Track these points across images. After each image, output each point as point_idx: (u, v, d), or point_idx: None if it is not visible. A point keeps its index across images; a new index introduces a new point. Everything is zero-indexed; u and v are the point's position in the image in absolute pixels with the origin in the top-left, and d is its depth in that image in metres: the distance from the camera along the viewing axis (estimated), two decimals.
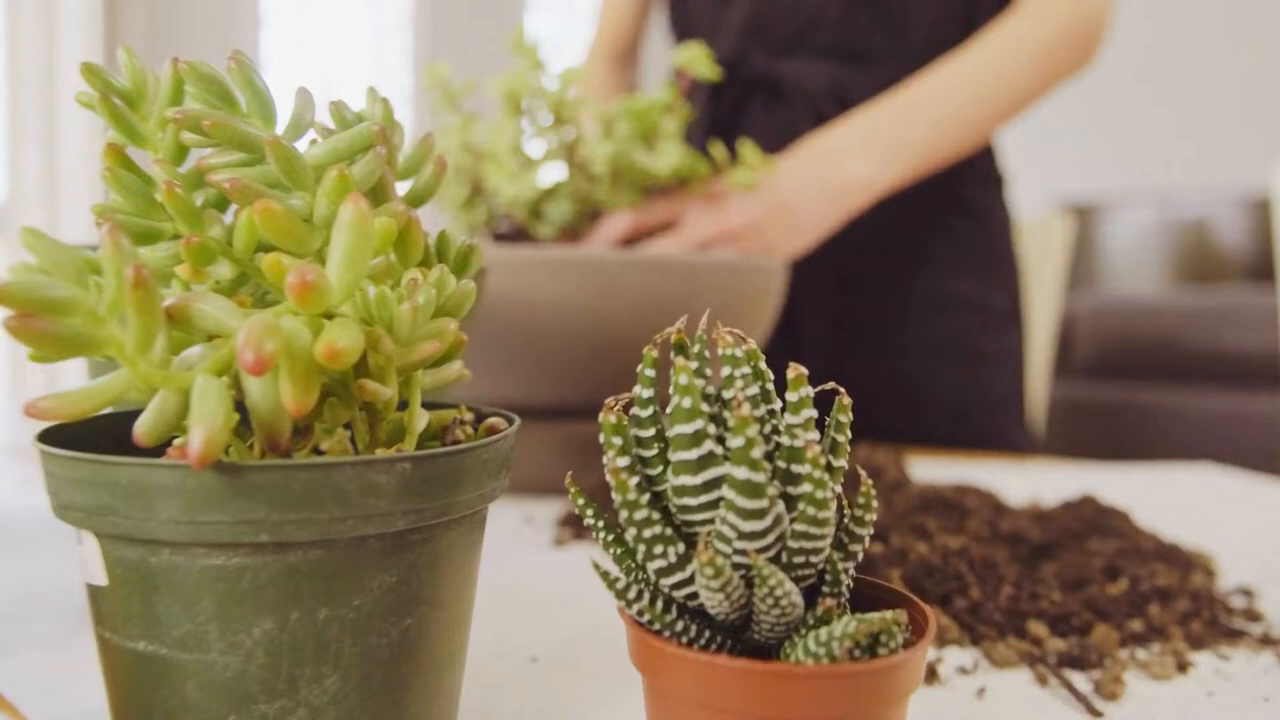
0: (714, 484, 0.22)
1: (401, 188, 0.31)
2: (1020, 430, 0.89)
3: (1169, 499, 0.64)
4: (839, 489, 0.24)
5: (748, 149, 0.67)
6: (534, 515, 0.57)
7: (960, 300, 0.87)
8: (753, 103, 0.88)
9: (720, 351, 0.24)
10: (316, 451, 0.27)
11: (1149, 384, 1.98)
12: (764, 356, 0.25)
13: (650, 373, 0.25)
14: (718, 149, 0.66)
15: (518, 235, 0.64)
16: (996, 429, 0.87)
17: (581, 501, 0.25)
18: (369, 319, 0.25)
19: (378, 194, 0.29)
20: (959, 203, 0.89)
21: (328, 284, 0.23)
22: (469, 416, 0.30)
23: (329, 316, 0.24)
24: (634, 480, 0.22)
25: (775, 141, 0.87)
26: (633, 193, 0.63)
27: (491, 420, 0.29)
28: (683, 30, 0.97)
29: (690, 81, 0.66)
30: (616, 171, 0.61)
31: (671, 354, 0.25)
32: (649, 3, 1.04)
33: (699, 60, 0.64)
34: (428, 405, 0.30)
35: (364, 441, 0.26)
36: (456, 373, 0.28)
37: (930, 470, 0.73)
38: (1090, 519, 0.47)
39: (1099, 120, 3.33)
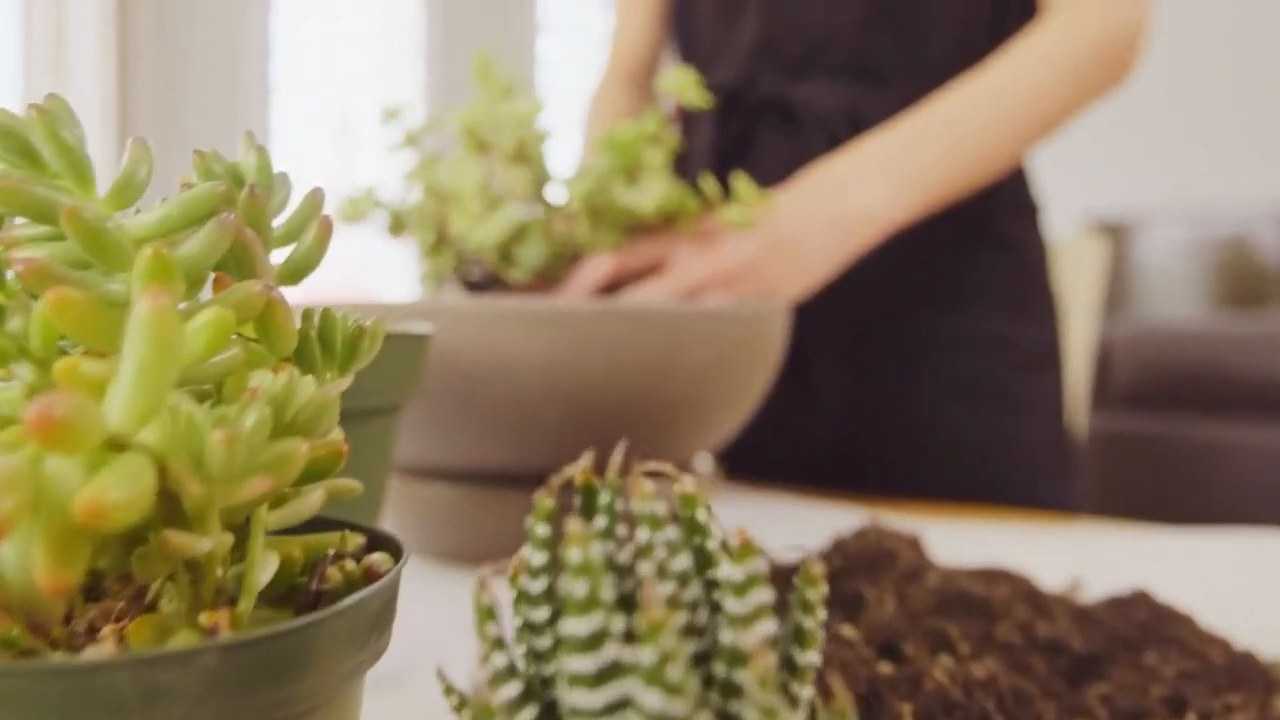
0: (620, 706, 0.15)
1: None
2: (1060, 482, 0.81)
3: (1235, 577, 0.56)
4: (810, 693, 0.18)
5: (742, 182, 0.60)
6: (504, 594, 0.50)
7: (990, 340, 0.80)
8: (762, 127, 0.81)
9: (635, 508, 0.17)
10: (143, 609, 0.21)
11: (1192, 415, 1.89)
12: (706, 501, 0.19)
13: (543, 530, 0.18)
14: (709, 183, 0.59)
15: (490, 282, 0.58)
16: (1033, 482, 0.79)
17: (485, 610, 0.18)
18: (178, 449, 0.18)
19: (243, 267, 0.23)
20: (988, 234, 0.81)
21: (90, 418, 0.16)
22: (357, 543, 0.24)
23: (123, 447, 0.18)
24: (507, 693, 0.16)
25: (786, 168, 0.80)
26: (614, 233, 0.57)
27: (372, 559, 0.23)
28: (689, 52, 0.91)
29: (679, 109, 0.60)
30: (595, 210, 0.55)
31: (574, 506, 0.18)
32: (664, 24, 0.99)
33: (687, 86, 0.58)
34: (305, 529, 0.24)
35: (186, 604, 0.20)
36: (315, 505, 0.21)
37: (957, 536, 0.65)
38: (1145, 623, 0.39)
39: (1124, 131, 3.23)
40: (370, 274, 2.71)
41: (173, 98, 2.29)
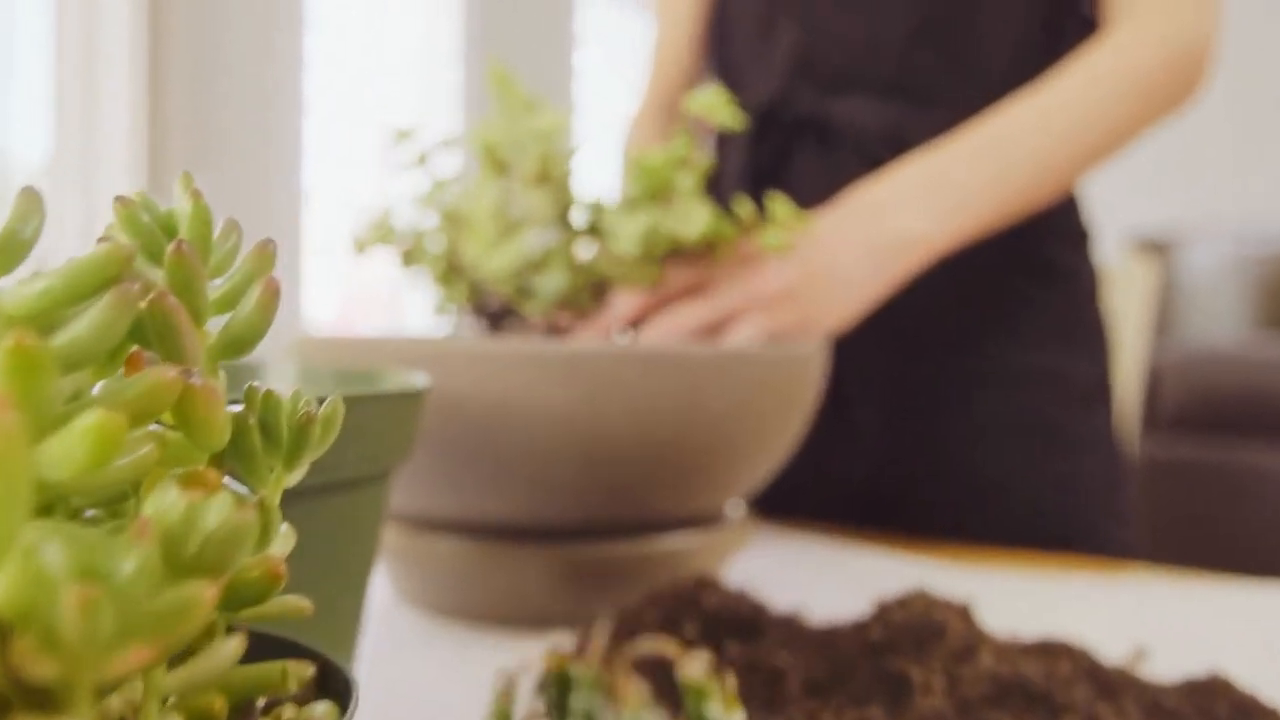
0: None
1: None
2: (1115, 523, 0.76)
3: None
4: None
5: (780, 205, 0.56)
6: (519, 656, 0.46)
7: (1039, 374, 0.75)
8: (798, 147, 0.77)
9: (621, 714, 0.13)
10: None
11: (1243, 439, 1.81)
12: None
13: None
14: (744, 206, 0.55)
15: (506, 314, 0.54)
16: (1086, 525, 0.74)
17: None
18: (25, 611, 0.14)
19: (166, 343, 0.19)
20: (1037, 262, 0.76)
21: None
22: (302, 677, 0.20)
23: None
24: None
25: (823, 190, 0.76)
26: (651, 265, 0.53)
27: (313, 714, 0.19)
28: (724, 70, 0.87)
29: (711, 130, 0.56)
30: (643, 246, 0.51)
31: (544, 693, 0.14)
32: (701, 45, 0.95)
33: (718, 106, 0.54)
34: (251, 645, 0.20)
35: None
36: (230, 657, 0.17)
37: (1008, 587, 0.60)
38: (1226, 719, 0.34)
39: (1166, 144, 3.14)
40: (403, 301, 2.70)
41: (205, 116, 2.29)
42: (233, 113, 2.33)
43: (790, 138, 0.78)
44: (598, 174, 0.59)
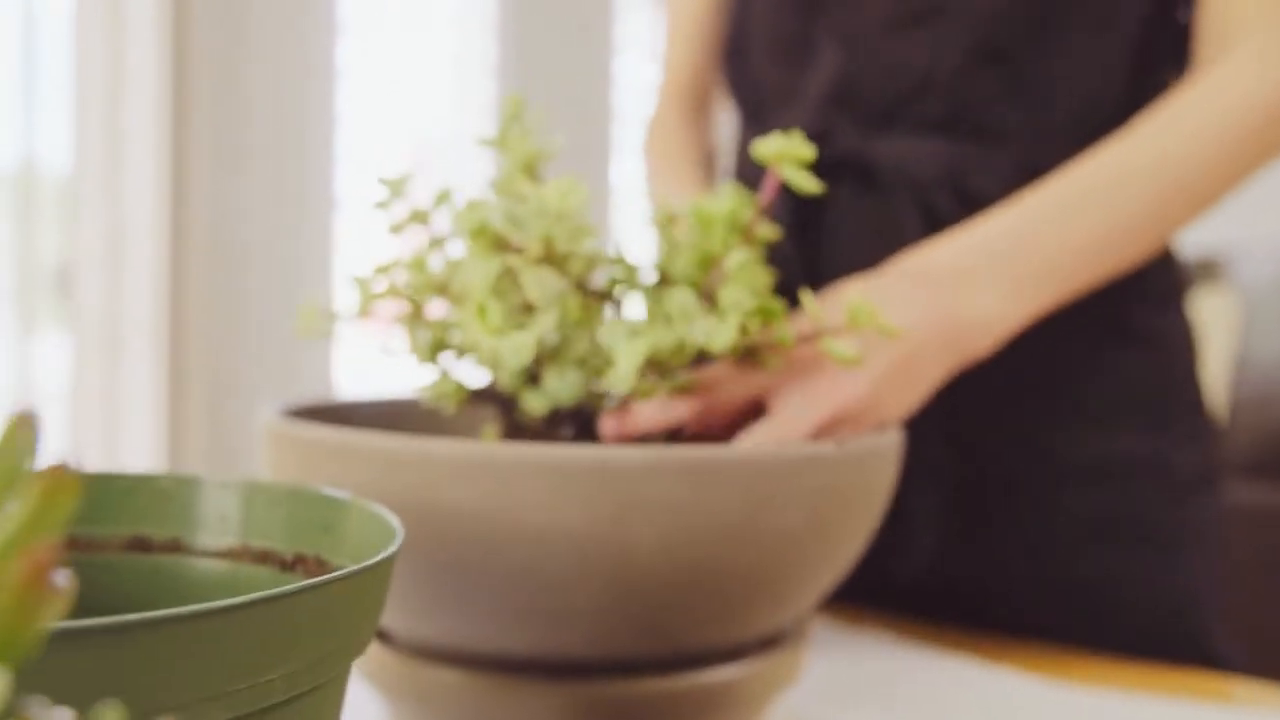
0: None
1: None
2: (1214, 627, 0.65)
3: None
4: None
5: (863, 308, 0.45)
6: None
7: (1131, 462, 0.64)
8: (837, 191, 0.66)
9: None
10: None
11: None
12: None
13: None
14: (808, 299, 0.45)
15: (493, 397, 0.45)
16: (1187, 633, 0.64)
17: None
18: None
19: None
20: (1127, 328, 0.65)
21: None
22: None
23: None
24: None
25: (869, 241, 0.65)
26: (674, 379, 0.43)
27: None
28: (746, 96, 0.76)
29: (777, 186, 0.46)
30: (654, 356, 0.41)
31: None
32: (713, 55, 0.84)
33: (791, 159, 0.44)
34: None
35: None
36: None
37: (1096, 711, 0.51)
38: None
39: None
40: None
41: (231, 125, 2.23)
42: (261, 122, 2.27)
43: (828, 179, 0.66)
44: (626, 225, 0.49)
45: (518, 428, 0.45)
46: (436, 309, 0.46)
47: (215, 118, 2.17)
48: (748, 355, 0.45)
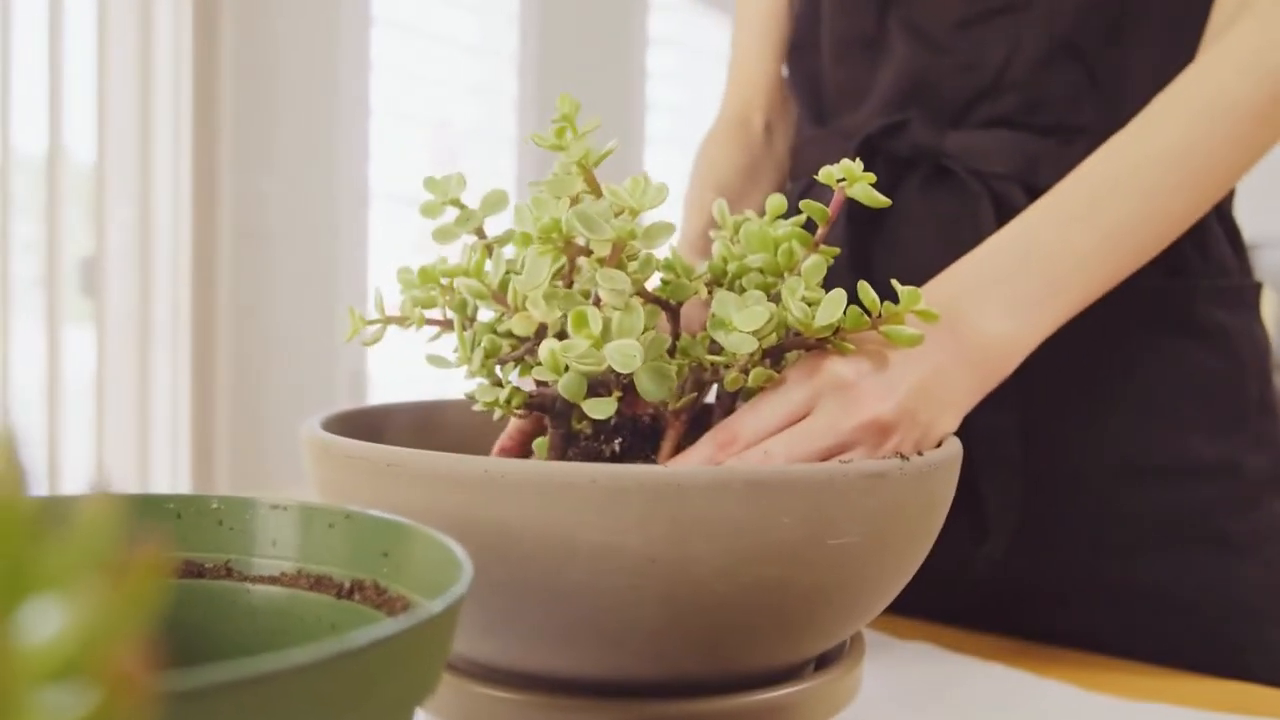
0: None
1: None
2: (1276, 638, 0.64)
3: None
4: None
5: (910, 294, 0.44)
6: None
7: (1200, 463, 0.62)
8: (907, 186, 0.65)
9: None
10: None
11: None
12: None
13: None
14: (866, 293, 0.44)
15: (547, 407, 0.44)
16: (1255, 641, 0.62)
17: None
18: None
19: None
20: (1197, 328, 0.63)
21: None
22: None
23: None
24: None
25: (940, 237, 0.64)
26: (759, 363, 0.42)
27: None
28: (812, 91, 0.75)
29: (843, 201, 0.45)
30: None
31: None
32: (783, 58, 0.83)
33: (856, 178, 0.43)
34: None
35: None
36: None
37: None
38: None
39: None
40: None
41: (261, 117, 2.23)
42: (289, 113, 2.27)
43: (897, 173, 0.65)
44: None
45: (568, 439, 0.44)
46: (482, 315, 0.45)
47: (241, 109, 2.16)
48: (821, 342, 0.44)
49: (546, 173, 0.44)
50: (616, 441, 0.45)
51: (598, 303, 0.40)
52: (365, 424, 0.51)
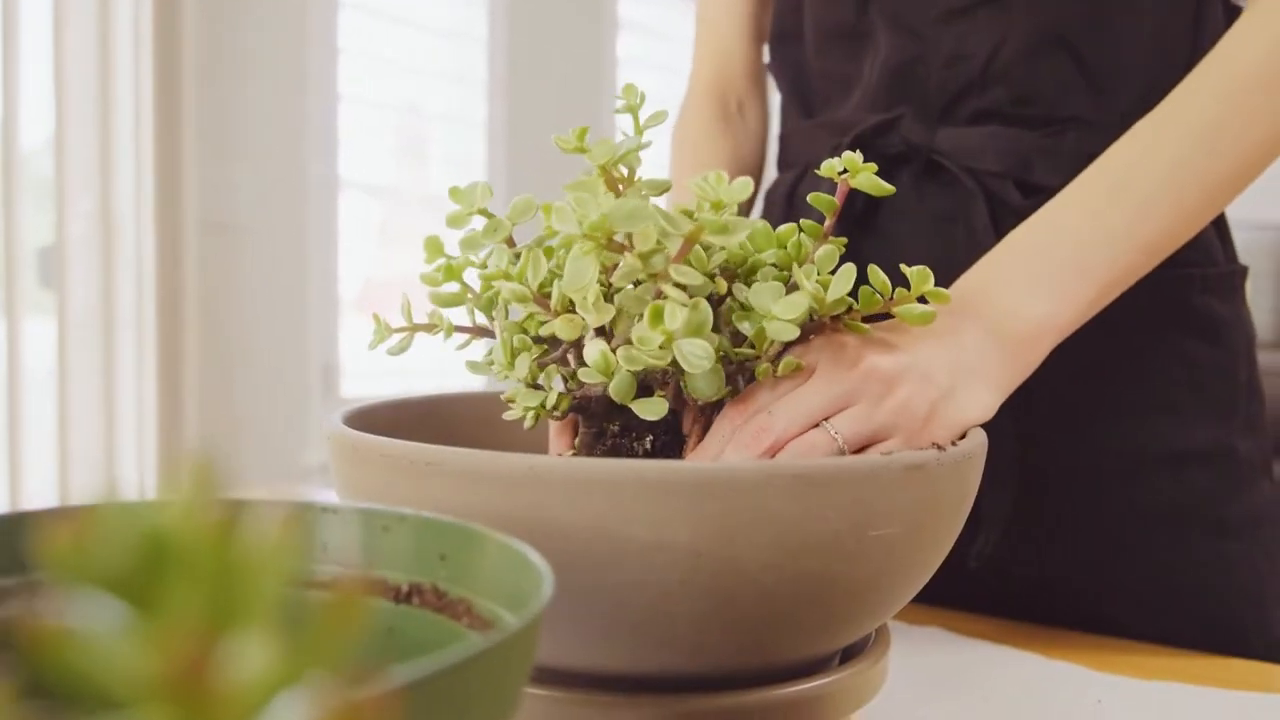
0: None
1: None
2: (1278, 617, 0.65)
3: None
4: None
5: (920, 275, 0.45)
6: None
7: (1198, 451, 0.63)
8: (899, 183, 0.64)
9: None
10: None
11: None
12: None
13: None
14: (877, 276, 0.44)
15: (586, 408, 0.44)
16: (1250, 621, 0.63)
17: None
18: None
19: None
20: (1190, 318, 0.64)
21: None
22: None
23: None
24: None
25: (934, 233, 0.64)
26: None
27: None
28: (796, 85, 0.74)
29: (846, 193, 0.45)
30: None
31: None
32: (758, 39, 0.82)
33: (859, 169, 0.43)
34: None
35: None
36: None
37: (1151, 705, 0.50)
38: None
39: None
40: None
41: (226, 102, 2.18)
42: (256, 99, 2.22)
43: (888, 170, 0.64)
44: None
45: (599, 437, 0.44)
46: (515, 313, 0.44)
47: (206, 94, 2.12)
48: (835, 320, 0.44)
49: (517, 159, 0.44)
50: (648, 439, 0.44)
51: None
52: (381, 420, 0.51)
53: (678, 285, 0.37)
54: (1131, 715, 0.51)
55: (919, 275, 0.46)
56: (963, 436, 0.46)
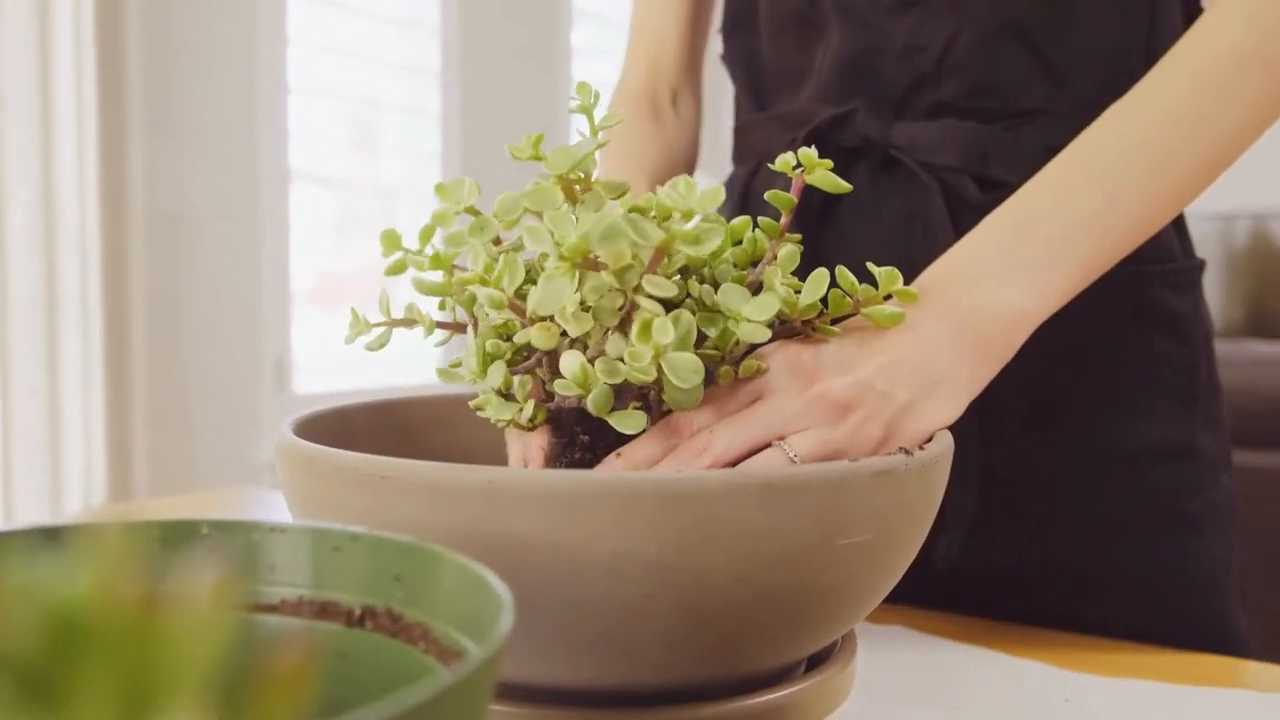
0: None
1: None
2: (1239, 609, 0.66)
3: None
4: None
5: (888, 275, 0.45)
6: None
7: (1158, 450, 0.63)
8: (856, 177, 0.63)
9: None
10: None
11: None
12: None
13: None
14: (845, 276, 0.44)
15: (568, 416, 0.42)
16: (1209, 615, 0.64)
17: None
18: None
19: None
20: (1149, 313, 0.64)
21: None
22: None
23: None
24: None
25: (892, 228, 0.64)
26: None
27: None
28: (750, 73, 0.73)
29: (802, 189, 0.44)
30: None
31: None
32: (705, 21, 0.80)
33: (815, 165, 0.42)
34: None
35: None
36: None
37: (1120, 702, 0.50)
38: None
39: None
40: (380, 284, 2.58)
41: (175, 92, 2.13)
42: (203, 88, 2.17)
43: (844, 165, 0.63)
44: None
45: (568, 447, 0.43)
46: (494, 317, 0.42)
47: (151, 82, 2.06)
48: (806, 325, 0.44)
49: (469, 151, 0.42)
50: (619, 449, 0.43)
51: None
52: (331, 428, 0.49)
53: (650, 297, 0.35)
54: (1099, 713, 0.51)
55: (887, 276, 0.45)
56: (929, 439, 0.46)
